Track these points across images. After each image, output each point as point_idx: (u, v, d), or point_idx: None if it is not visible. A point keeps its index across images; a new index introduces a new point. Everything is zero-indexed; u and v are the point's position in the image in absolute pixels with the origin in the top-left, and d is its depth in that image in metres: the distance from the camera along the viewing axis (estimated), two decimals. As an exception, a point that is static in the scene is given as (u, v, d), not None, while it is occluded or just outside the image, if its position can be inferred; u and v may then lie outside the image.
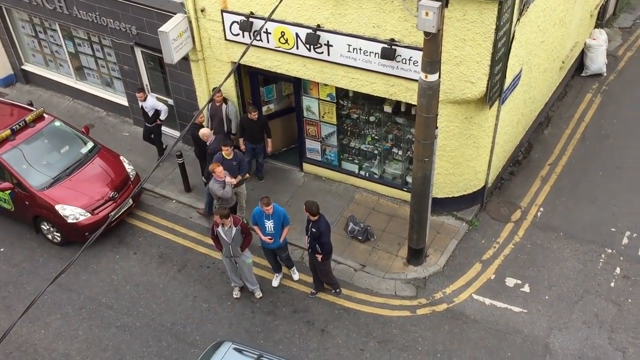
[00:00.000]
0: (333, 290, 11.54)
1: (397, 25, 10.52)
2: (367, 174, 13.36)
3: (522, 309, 11.16)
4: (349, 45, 11.12)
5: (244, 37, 12.04)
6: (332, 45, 11.28)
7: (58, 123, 13.27)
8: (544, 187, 13.41)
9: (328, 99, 12.65)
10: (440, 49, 9.27)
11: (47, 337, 11.17)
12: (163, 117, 13.94)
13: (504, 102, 11.50)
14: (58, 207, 12.13)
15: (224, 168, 11.57)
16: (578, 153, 14.17)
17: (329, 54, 11.40)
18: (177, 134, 14.84)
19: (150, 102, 13.80)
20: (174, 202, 13.59)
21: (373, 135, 12.82)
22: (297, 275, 11.84)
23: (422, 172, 10.50)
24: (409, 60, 10.71)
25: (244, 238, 10.69)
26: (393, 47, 10.68)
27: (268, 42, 11.86)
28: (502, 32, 10.03)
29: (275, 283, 11.78)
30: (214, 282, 11.92)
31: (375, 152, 13.01)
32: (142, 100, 13.71)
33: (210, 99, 12.96)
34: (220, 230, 10.50)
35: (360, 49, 11.06)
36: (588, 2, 15.13)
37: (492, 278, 11.70)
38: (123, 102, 15.49)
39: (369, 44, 10.91)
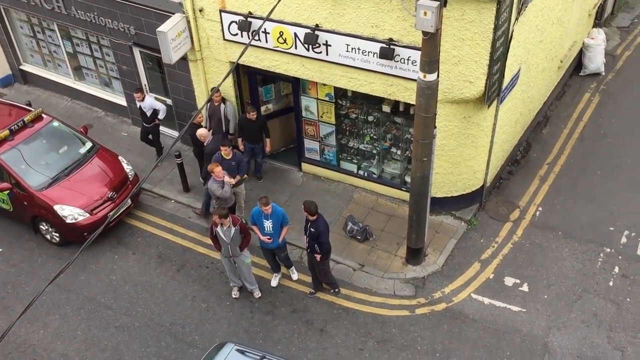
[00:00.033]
0: (332, 290, 11.54)
1: (395, 25, 10.52)
2: (365, 174, 13.36)
3: (520, 308, 11.17)
4: (348, 45, 11.12)
5: (243, 37, 12.03)
6: (330, 45, 11.28)
7: (56, 123, 13.25)
8: (543, 186, 13.42)
9: (327, 99, 12.65)
10: (439, 49, 9.27)
11: (45, 337, 11.17)
12: (161, 116, 13.93)
13: (503, 101, 11.50)
14: (57, 207, 12.12)
15: (223, 168, 11.57)
16: (576, 152, 14.17)
17: (328, 54, 11.40)
18: (175, 134, 14.84)
19: (149, 101, 13.79)
20: (173, 202, 13.58)
21: (372, 135, 12.82)
22: (296, 275, 11.84)
23: (420, 171, 10.50)
24: (408, 60, 10.72)
25: (243, 238, 10.69)
26: (391, 46, 10.68)
27: (266, 42, 11.86)
28: (500, 31, 10.03)
29: (274, 283, 11.78)
30: (213, 282, 11.91)
31: (374, 151, 13.01)
32: (140, 101, 13.70)
33: (209, 99, 12.95)
34: (219, 230, 10.49)
35: (359, 49, 11.06)
36: (586, 1, 15.13)
37: (490, 277, 11.71)
38: (121, 102, 15.48)
39: (368, 44, 10.91)
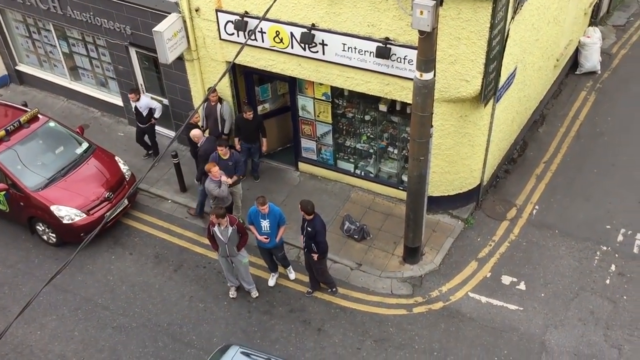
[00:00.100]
0: (329, 290, 11.54)
1: (391, 24, 10.52)
2: (362, 173, 13.36)
3: (518, 307, 11.18)
4: (344, 45, 11.12)
5: (239, 36, 12.02)
6: (327, 45, 11.27)
7: (53, 124, 13.23)
8: (539, 185, 13.44)
9: (323, 98, 12.65)
10: (435, 48, 9.28)
11: (43, 338, 11.14)
12: (157, 115, 13.90)
13: (499, 100, 11.52)
14: (53, 207, 12.09)
15: (220, 168, 11.56)
16: (573, 151, 14.20)
17: (324, 53, 11.40)
18: (172, 134, 14.81)
19: (144, 101, 13.76)
20: (170, 202, 13.56)
21: (368, 134, 12.82)
22: (293, 275, 11.84)
23: (417, 170, 10.51)
24: (404, 59, 10.72)
25: (240, 238, 10.69)
26: (388, 46, 10.68)
27: (263, 41, 11.85)
28: (496, 30, 10.04)
29: (272, 282, 11.78)
30: (210, 282, 11.90)
31: (371, 151, 13.02)
32: (134, 101, 13.65)
33: (206, 99, 12.93)
34: (217, 230, 10.49)
35: (355, 48, 11.06)
36: (582, 0, 15.16)
37: (488, 276, 11.72)
38: (118, 102, 15.44)
39: (364, 43, 10.91)
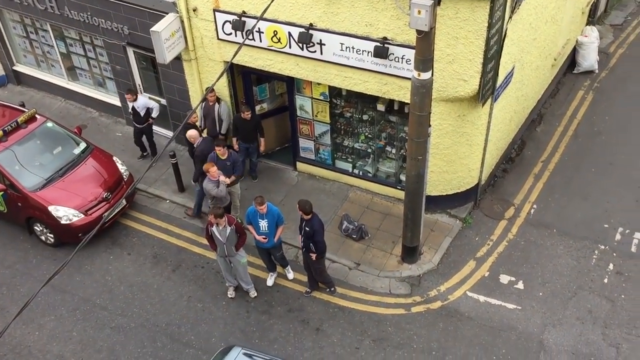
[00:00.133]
0: (328, 289, 11.55)
1: (389, 24, 10.53)
2: (360, 173, 13.36)
3: (516, 306, 11.20)
4: (342, 44, 11.12)
5: (237, 36, 12.02)
6: (324, 44, 11.27)
7: (50, 124, 13.21)
8: (537, 184, 13.45)
9: (321, 98, 12.65)
10: (433, 47, 9.28)
11: (41, 338, 11.13)
12: (155, 114, 13.89)
13: (497, 99, 11.52)
14: (51, 208, 12.08)
15: (218, 168, 11.56)
16: (570, 150, 14.22)
17: (322, 53, 11.40)
18: (170, 134, 14.81)
19: (142, 100, 13.75)
20: (168, 202, 13.56)
21: (366, 134, 12.83)
22: (291, 274, 11.84)
23: (415, 170, 10.51)
24: (402, 59, 10.72)
25: (239, 237, 10.68)
26: (386, 45, 10.68)
27: (261, 41, 11.85)
28: (494, 30, 10.05)
29: (270, 282, 11.78)
30: (209, 282, 11.90)
31: (369, 150, 13.02)
32: (132, 101, 13.64)
33: (204, 99, 12.94)
34: (215, 230, 10.49)
35: (353, 48, 11.06)
36: (579, -1, 15.20)
37: (486, 275, 11.73)
38: (115, 102, 15.43)
39: (362, 43, 10.91)
